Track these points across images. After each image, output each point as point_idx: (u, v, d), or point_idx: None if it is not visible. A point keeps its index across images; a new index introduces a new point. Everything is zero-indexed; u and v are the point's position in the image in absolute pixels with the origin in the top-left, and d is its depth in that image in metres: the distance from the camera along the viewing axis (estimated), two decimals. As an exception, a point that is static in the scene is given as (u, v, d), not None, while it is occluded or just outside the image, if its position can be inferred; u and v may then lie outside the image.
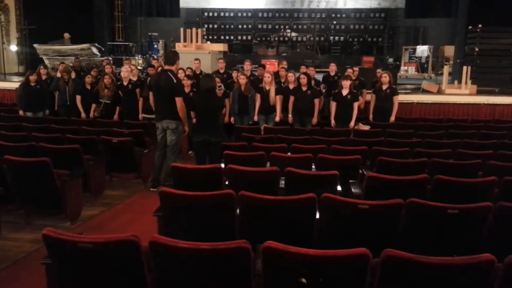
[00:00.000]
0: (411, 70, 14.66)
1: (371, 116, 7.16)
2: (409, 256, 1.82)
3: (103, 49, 12.37)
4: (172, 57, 5.41)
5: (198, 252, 1.99)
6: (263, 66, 8.59)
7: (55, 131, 5.84)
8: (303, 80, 6.82)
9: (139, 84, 7.38)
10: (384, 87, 7.04)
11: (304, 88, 6.85)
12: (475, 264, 1.81)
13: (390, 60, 15.16)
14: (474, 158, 4.62)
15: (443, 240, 2.81)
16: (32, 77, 7.50)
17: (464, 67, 9.65)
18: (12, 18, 13.57)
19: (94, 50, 11.21)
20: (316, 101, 6.92)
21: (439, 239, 2.82)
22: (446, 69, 10.22)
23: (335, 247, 1.99)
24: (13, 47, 13.46)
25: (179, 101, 5.16)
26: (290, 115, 6.99)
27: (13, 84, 10.29)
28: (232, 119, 7.21)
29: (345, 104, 6.75)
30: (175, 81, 5.19)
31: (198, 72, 8.32)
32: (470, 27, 11.27)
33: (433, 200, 2.91)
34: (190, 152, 7.35)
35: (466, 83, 9.46)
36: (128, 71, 7.38)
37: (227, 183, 3.78)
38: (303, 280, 1.89)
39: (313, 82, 7.32)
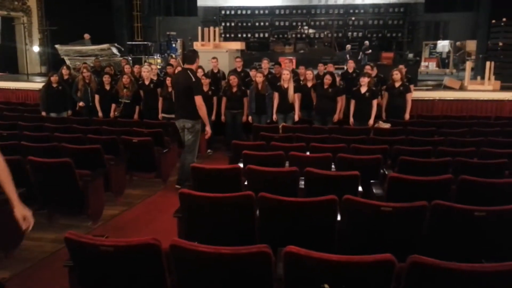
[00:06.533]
0: (432, 65, 14.38)
1: (384, 114, 7.05)
2: (436, 263, 1.76)
3: (123, 49, 12.49)
4: (191, 56, 5.37)
5: (218, 257, 1.98)
6: (279, 64, 8.54)
7: (77, 132, 5.92)
8: (328, 80, 6.70)
9: (160, 83, 7.42)
10: (397, 84, 6.91)
11: (325, 87, 6.75)
12: (508, 272, 1.74)
13: (410, 55, 14.85)
14: (499, 157, 4.49)
15: (470, 244, 2.73)
16: (53, 78, 7.59)
17: (487, 62, 9.38)
18: (35, 19, 13.87)
19: (114, 50, 11.34)
20: (339, 98, 6.83)
21: (465, 243, 2.74)
22: (469, 65, 9.94)
23: (357, 250, 1.95)
24: (36, 48, 13.75)
25: (198, 99, 5.14)
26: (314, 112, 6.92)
27: (36, 84, 10.49)
28: (250, 118, 7.19)
29: (364, 102, 6.64)
30: (193, 79, 5.16)
31: (215, 70, 8.33)
32: (493, 21, 10.95)
33: (458, 201, 2.81)
34: (208, 151, 7.37)
35: (489, 78, 9.20)
36: (149, 71, 7.43)
37: (246, 183, 3.76)
38: (326, 286, 1.85)
39: (338, 81, 7.21)
